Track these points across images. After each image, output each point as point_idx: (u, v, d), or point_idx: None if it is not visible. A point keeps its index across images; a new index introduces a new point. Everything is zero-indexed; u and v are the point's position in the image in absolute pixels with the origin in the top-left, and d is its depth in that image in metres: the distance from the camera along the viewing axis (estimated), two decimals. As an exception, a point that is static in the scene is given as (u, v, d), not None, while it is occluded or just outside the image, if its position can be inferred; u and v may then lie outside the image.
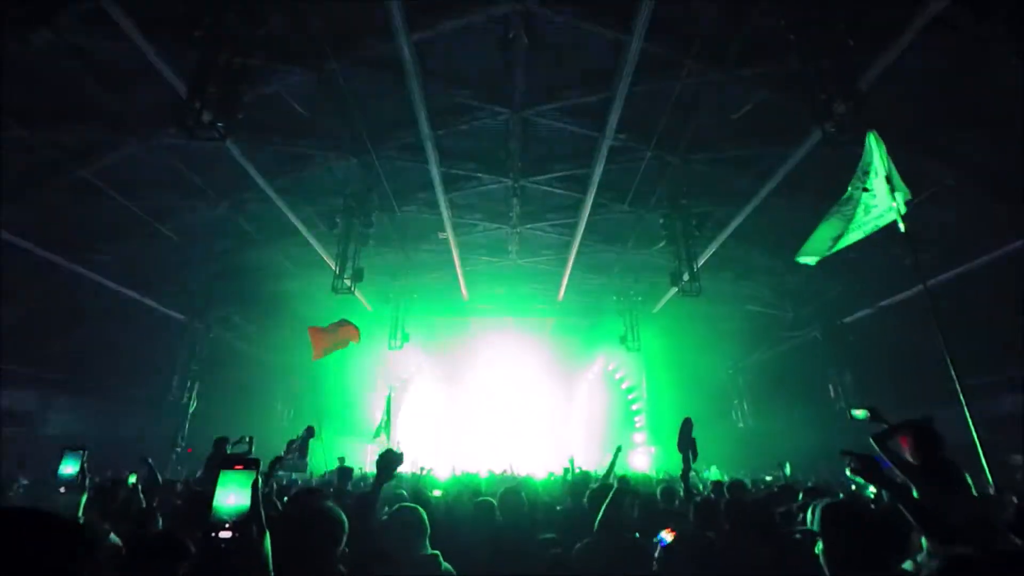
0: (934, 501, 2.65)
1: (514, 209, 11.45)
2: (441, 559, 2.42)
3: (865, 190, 5.00)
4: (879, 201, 4.89)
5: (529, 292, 16.18)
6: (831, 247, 5.52)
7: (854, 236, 5.30)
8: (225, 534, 1.21)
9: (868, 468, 2.33)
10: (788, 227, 10.85)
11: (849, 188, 5.26)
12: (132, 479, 4.95)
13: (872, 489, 4.25)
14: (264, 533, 1.27)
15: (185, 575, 1.78)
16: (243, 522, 1.23)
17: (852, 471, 2.38)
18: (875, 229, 5.10)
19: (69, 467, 2.13)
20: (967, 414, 3.38)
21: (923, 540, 2.26)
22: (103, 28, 6.36)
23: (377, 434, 14.26)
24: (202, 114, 5.93)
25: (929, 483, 2.82)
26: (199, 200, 10.59)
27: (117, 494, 3.90)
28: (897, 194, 4.74)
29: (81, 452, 2.17)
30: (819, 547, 1.98)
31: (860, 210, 5.06)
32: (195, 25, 6.14)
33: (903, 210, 4.70)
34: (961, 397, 3.42)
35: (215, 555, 1.20)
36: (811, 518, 2.09)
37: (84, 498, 2.16)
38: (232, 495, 1.25)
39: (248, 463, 1.30)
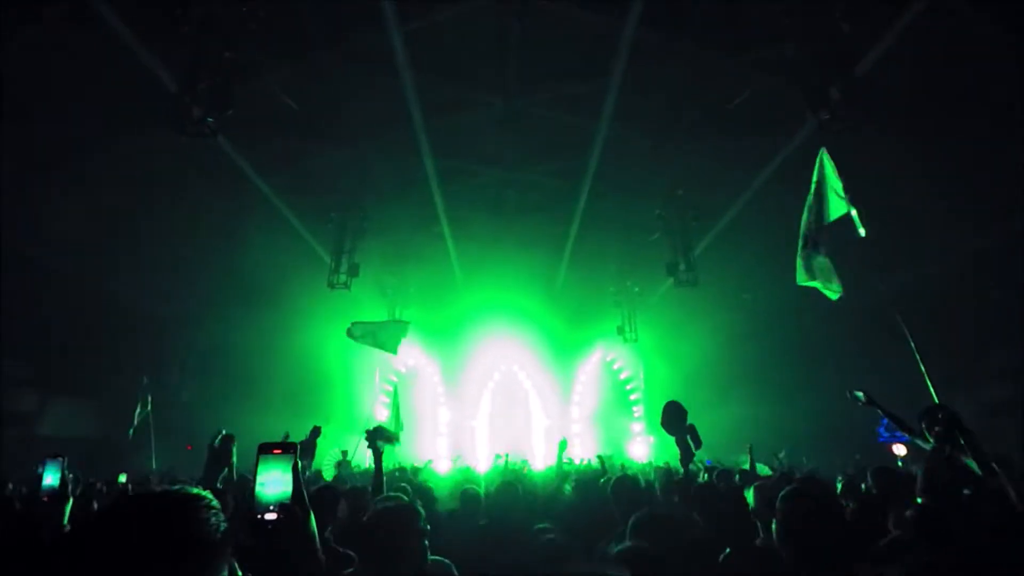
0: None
1: (509, 200, 11.39)
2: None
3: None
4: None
5: (526, 284, 16.14)
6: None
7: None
8: (271, 516, 1.25)
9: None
10: (785, 215, 10.76)
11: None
12: (122, 479, 4.89)
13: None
14: (309, 513, 1.31)
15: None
16: (288, 504, 1.27)
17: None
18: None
19: (49, 477, 2.15)
20: (933, 395, 3.53)
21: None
22: (90, 24, 6.26)
23: (397, 429, 14.33)
24: (192, 110, 5.86)
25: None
26: (191, 196, 10.49)
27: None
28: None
29: (60, 460, 2.16)
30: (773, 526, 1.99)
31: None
32: (184, 20, 6.05)
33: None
34: (930, 387, 3.61)
35: (263, 536, 1.24)
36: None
37: (68, 506, 2.17)
38: (273, 480, 1.29)
39: (286, 447, 1.34)
